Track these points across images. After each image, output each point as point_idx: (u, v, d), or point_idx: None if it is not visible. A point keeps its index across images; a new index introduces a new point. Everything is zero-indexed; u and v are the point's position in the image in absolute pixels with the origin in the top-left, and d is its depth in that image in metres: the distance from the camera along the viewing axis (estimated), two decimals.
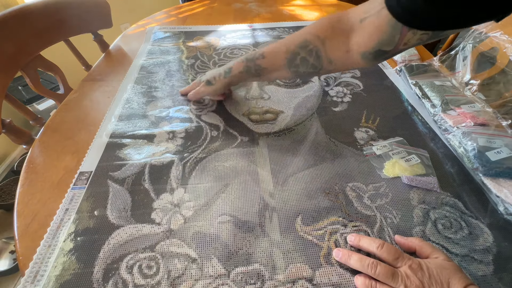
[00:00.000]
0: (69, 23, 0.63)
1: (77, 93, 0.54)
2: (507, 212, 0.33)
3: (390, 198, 0.35)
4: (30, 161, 0.41)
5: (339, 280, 0.28)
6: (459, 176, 0.38)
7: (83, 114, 0.49)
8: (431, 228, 0.32)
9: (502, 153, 0.37)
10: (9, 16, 0.51)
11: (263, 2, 0.94)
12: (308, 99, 0.51)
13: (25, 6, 0.54)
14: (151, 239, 0.31)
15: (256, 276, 0.28)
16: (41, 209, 0.34)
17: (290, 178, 0.37)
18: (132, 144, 0.42)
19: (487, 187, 0.36)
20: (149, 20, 0.82)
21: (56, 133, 0.45)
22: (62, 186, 0.37)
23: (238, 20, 0.81)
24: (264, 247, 0.30)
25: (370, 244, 0.29)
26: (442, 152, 0.41)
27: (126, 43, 0.71)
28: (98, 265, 0.29)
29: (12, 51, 0.52)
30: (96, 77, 0.59)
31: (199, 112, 0.48)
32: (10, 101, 0.54)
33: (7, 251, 0.98)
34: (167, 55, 0.64)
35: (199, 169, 0.38)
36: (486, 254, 0.30)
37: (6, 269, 0.93)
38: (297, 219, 0.33)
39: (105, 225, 0.32)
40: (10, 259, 0.96)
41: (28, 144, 0.54)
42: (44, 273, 0.28)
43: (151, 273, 0.28)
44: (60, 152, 0.42)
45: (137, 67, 0.60)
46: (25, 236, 0.32)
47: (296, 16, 0.84)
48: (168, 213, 0.33)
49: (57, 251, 0.30)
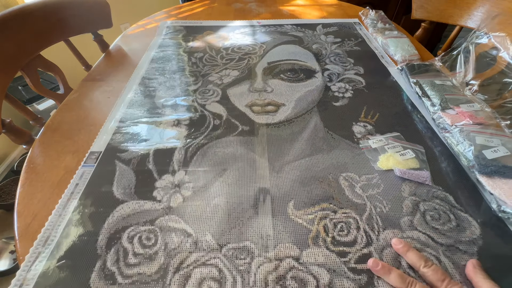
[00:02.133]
0: (69, 23, 0.63)
1: (77, 93, 0.54)
2: (500, 209, 0.34)
3: (381, 189, 0.36)
4: (30, 161, 0.41)
5: (325, 260, 0.29)
6: (453, 174, 0.38)
7: (83, 114, 0.49)
8: (419, 218, 0.33)
9: (499, 152, 0.38)
10: (9, 16, 0.50)
11: (263, 2, 0.94)
12: (310, 93, 0.52)
13: (25, 6, 0.53)
14: (152, 214, 0.33)
15: (246, 252, 0.30)
16: (41, 209, 0.35)
17: (286, 166, 0.39)
18: (140, 130, 0.45)
19: (482, 184, 0.36)
20: (149, 20, 0.83)
21: (56, 133, 0.45)
22: (62, 186, 0.37)
23: (238, 20, 0.81)
24: (256, 227, 0.32)
25: (418, 259, 0.28)
26: (439, 150, 0.42)
27: (126, 43, 0.72)
28: (102, 234, 0.31)
29: (12, 51, 0.52)
30: (96, 77, 0.59)
31: (204, 102, 0.50)
32: (10, 101, 0.55)
33: (7, 251, 0.98)
34: (177, 48, 0.67)
35: (200, 154, 0.41)
36: (471, 245, 0.30)
37: (6, 269, 0.93)
38: (290, 203, 0.34)
39: (110, 200, 0.35)
40: (10, 259, 0.96)
41: (28, 144, 0.55)
42: (54, 238, 0.31)
43: (149, 244, 0.31)
44: (60, 152, 0.42)
45: (148, 59, 0.63)
46: (25, 236, 0.32)
47: (296, 16, 0.84)
48: (169, 192, 0.36)
49: (66, 220, 0.33)
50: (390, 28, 0.70)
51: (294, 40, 0.70)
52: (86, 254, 0.30)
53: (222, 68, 0.59)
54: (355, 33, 0.73)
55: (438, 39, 1.39)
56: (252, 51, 0.65)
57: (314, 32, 0.73)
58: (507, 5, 0.61)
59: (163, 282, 0.28)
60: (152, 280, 0.28)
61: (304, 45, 0.68)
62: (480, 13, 0.66)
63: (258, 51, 0.65)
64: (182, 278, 0.28)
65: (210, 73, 0.58)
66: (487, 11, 0.65)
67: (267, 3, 0.94)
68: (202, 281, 0.28)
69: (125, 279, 0.28)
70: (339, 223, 0.32)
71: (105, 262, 0.29)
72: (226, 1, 0.96)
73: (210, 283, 0.28)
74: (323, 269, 0.29)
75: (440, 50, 0.64)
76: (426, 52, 0.63)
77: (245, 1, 0.96)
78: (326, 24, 0.78)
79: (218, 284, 0.27)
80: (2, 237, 1.03)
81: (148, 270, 0.28)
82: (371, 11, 0.76)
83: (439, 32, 1.48)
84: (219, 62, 0.62)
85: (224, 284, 0.28)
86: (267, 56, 0.63)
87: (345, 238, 0.31)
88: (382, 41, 0.66)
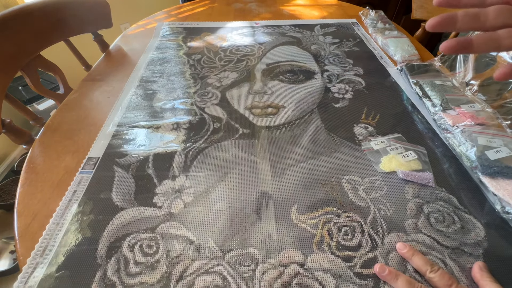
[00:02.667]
0: (69, 23, 0.63)
1: (77, 93, 0.54)
2: (504, 210, 0.34)
3: (385, 191, 0.36)
4: (30, 161, 0.41)
5: (330, 265, 0.29)
6: (456, 175, 0.38)
7: (83, 114, 0.49)
8: (424, 221, 0.33)
9: (501, 152, 0.38)
10: (9, 16, 0.50)
11: (263, 2, 0.94)
12: (310, 95, 0.52)
13: (25, 6, 0.53)
14: (152, 221, 0.33)
15: (250, 259, 0.29)
16: (41, 209, 0.34)
17: (288, 169, 0.38)
18: (138, 134, 0.44)
19: (485, 185, 0.36)
20: (149, 20, 0.83)
21: (56, 133, 0.45)
22: (62, 186, 0.37)
23: (238, 20, 0.81)
24: (259, 233, 0.31)
25: (424, 264, 0.28)
26: (440, 151, 0.41)
27: (126, 43, 0.72)
28: (102, 243, 0.30)
29: (12, 51, 0.52)
30: (96, 77, 0.59)
31: (203, 104, 0.50)
32: (10, 101, 0.55)
33: (7, 251, 0.98)
34: (175, 50, 0.66)
35: (201, 158, 0.40)
36: (476, 248, 0.30)
37: (6, 269, 0.93)
38: (293, 208, 0.34)
39: (110, 207, 0.34)
40: (10, 259, 0.96)
41: (28, 144, 0.54)
42: (52, 248, 0.30)
43: (151, 252, 0.30)
44: (60, 152, 0.42)
45: (145, 61, 0.62)
46: (25, 236, 0.32)
47: (297, 16, 0.84)
48: (169, 198, 0.35)
49: (65, 229, 0.32)
50: (390, 28, 0.70)
51: (293, 41, 0.69)
52: (85, 264, 0.29)
53: (220, 70, 0.59)
54: (353, 33, 0.73)
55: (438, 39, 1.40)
56: (250, 53, 0.65)
57: (312, 33, 0.73)
58: None
59: None
60: None
61: (303, 46, 0.67)
62: None
63: (257, 52, 0.65)
64: (185, 287, 0.27)
65: (208, 75, 0.57)
66: None
67: (267, 3, 0.94)
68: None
69: None
70: (343, 227, 0.32)
71: (105, 272, 0.28)
72: (226, 1, 0.95)
73: None
74: (329, 274, 0.28)
75: None
76: (426, 52, 0.63)
77: (245, 1, 0.95)
78: (324, 24, 0.77)
79: None
80: (2, 237, 1.02)
81: (150, 279, 0.28)
82: (371, 11, 0.76)
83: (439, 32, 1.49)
84: (218, 64, 0.61)
85: None
86: (265, 57, 0.63)
87: (349, 243, 0.31)
88: (382, 41, 0.66)
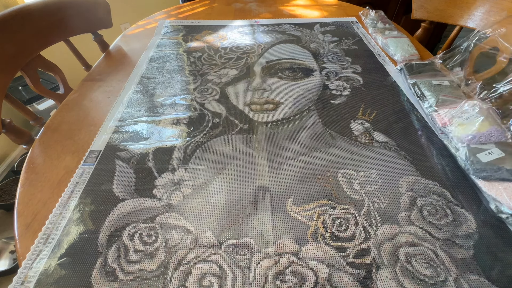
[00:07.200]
0: (69, 23, 0.63)
1: (77, 93, 0.54)
2: (498, 210, 0.34)
3: (379, 185, 0.36)
4: (30, 161, 0.41)
5: (324, 255, 0.30)
6: (451, 170, 0.39)
7: (83, 114, 0.49)
8: (417, 213, 0.33)
9: (493, 154, 0.37)
10: (9, 16, 0.50)
11: (263, 2, 0.95)
12: (308, 91, 0.52)
13: (25, 6, 0.53)
14: (152, 212, 0.34)
15: (246, 248, 0.30)
16: (41, 209, 0.35)
17: (284, 163, 0.39)
18: (139, 128, 0.45)
19: (478, 186, 0.36)
20: (149, 20, 0.83)
21: (56, 133, 0.45)
22: (62, 186, 0.37)
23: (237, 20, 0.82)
24: (256, 223, 0.32)
25: None
26: (437, 148, 0.42)
27: (126, 43, 0.72)
28: (103, 232, 0.32)
29: (12, 51, 0.52)
30: (96, 77, 0.59)
31: (202, 100, 0.50)
32: (10, 101, 0.54)
33: (7, 251, 0.97)
34: (176, 47, 0.67)
35: (200, 152, 0.41)
36: (467, 239, 0.31)
37: (6, 269, 0.92)
38: (289, 200, 0.35)
39: (110, 198, 0.35)
40: (10, 259, 0.95)
41: (28, 144, 0.54)
42: (55, 236, 0.31)
43: (150, 241, 0.31)
44: (60, 152, 0.42)
45: (147, 58, 0.63)
46: (25, 236, 0.32)
47: (296, 16, 0.85)
48: (169, 190, 0.36)
49: (67, 218, 0.33)
50: (390, 28, 0.70)
51: (292, 39, 0.70)
52: (87, 252, 0.30)
53: (220, 67, 0.60)
54: (352, 32, 0.73)
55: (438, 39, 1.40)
56: (250, 50, 0.65)
57: (312, 31, 0.74)
58: (507, 5, 0.61)
59: (164, 278, 0.28)
60: (153, 276, 0.28)
61: (302, 44, 0.68)
62: (480, 13, 0.67)
63: (257, 50, 0.66)
64: (183, 274, 0.28)
65: (208, 72, 0.58)
66: (487, 11, 0.65)
67: (267, 3, 0.94)
68: (203, 276, 0.28)
69: (126, 276, 0.28)
70: (338, 219, 0.33)
71: (106, 259, 0.29)
72: (226, 1, 0.96)
73: (211, 279, 0.28)
74: (322, 264, 0.29)
75: (440, 50, 0.64)
76: (426, 52, 0.64)
77: (245, 1, 0.96)
78: (324, 23, 0.78)
79: (219, 280, 0.28)
80: (2, 237, 1.03)
81: (149, 267, 0.29)
82: (371, 11, 0.76)
83: (439, 32, 1.49)
84: (218, 61, 0.62)
85: (225, 279, 0.28)
86: (265, 55, 0.64)
87: (343, 234, 0.31)
88: (382, 41, 0.67)
